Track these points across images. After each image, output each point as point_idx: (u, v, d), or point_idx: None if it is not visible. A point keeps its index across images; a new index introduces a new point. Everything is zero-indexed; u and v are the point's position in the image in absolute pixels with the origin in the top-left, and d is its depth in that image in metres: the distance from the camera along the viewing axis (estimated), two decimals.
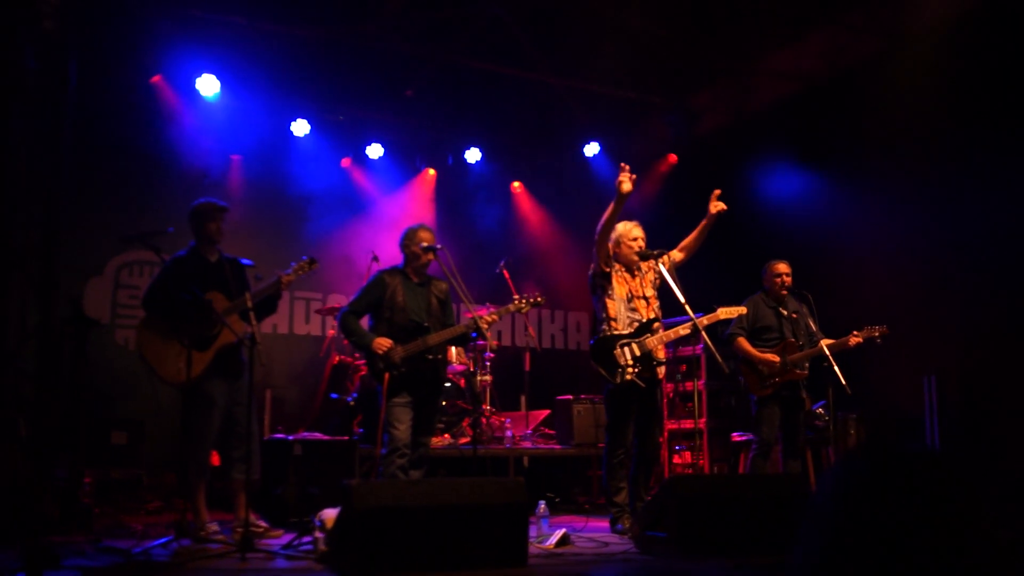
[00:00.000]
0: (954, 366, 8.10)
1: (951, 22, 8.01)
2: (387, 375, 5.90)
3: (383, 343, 5.94)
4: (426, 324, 6.07)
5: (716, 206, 6.42)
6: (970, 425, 7.95)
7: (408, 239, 6.25)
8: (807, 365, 6.94)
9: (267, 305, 5.95)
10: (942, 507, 1.27)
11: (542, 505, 5.65)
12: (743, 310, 6.87)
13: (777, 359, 6.84)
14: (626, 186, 6.02)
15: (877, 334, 6.98)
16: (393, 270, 6.30)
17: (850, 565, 1.23)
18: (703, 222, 6.49)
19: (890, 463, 1.32)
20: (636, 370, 6.13)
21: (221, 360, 5.73)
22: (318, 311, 9.52)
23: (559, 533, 5.38)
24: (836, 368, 6.66)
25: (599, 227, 6.25)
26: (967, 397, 8.05)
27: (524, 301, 6.29)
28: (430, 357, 6.05)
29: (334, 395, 8.47)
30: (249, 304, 5.53)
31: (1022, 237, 7.71)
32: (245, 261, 6.15)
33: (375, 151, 10.29)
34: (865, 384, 7.59)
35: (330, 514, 4.84)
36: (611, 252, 6.38)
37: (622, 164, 6.07)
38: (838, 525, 1.27)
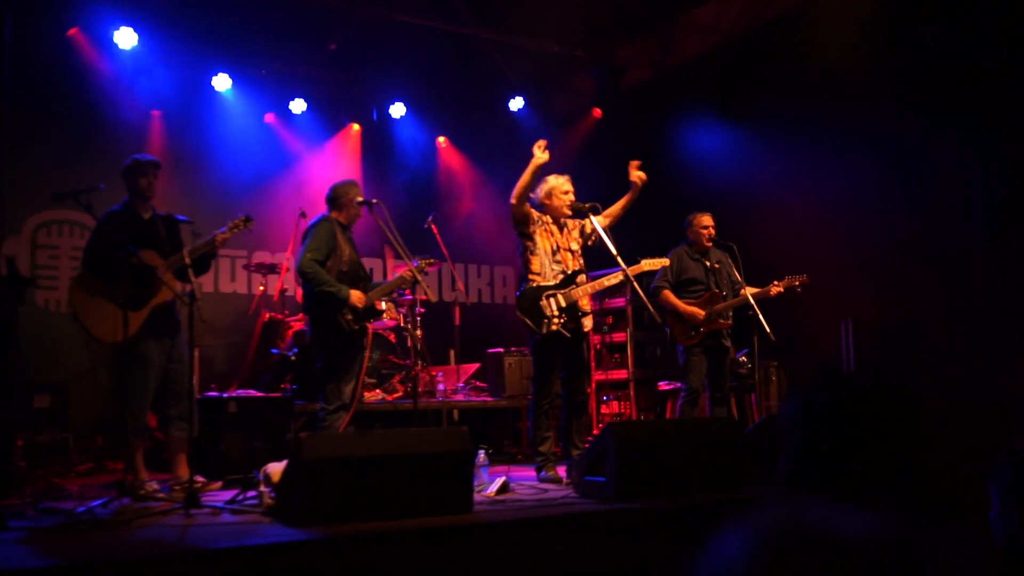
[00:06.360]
0: (869, 312, 8.45)
1: None
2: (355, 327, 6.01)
3: (361, 296, 5.99)
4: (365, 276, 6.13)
5: (637, 175, 6.48)
6: (883, 368, 8.32)
7: (343, 192, 6.25)
8: (731, 314, 7.16)
9: (202, 263, 5.93)
10: (889, 427, 1.42)
11: (481, 454, 5.77)
12: (666, 262, 6.98)
13: (702, 313, 7.04)
14: (541, 158, 6.11)
15: (797, 283, 7.24)
16: (335, 221, 6.27)
17: (820, 481, 1.37)
18: (628, 195, 6.54)
19: (844, 392, 1.46)
20: (561, 320, 6.19)
21: (155, 319, 5.70)
22: (245, 267, 9.42)
23: (499, 481, 5.50)
24: (760, 316, 6.88)
25: (514, 192, 6.24)
26: (881, 342, 8.41)
27: (417, 271, 6.25)
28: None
29: (275, 351, 8.39)
30: (187, 261, 5.50)
31: (933, 188, 8.05)
32: (181, 217, 6.09)
33: (298, 106, 10.15)
34: (786, 332, 7.88)
35: (275, 468, 4.89)
36: (537, 207, 6.40)
37: (539, 141, 6.16)
38: (806, 448, 1.41)
